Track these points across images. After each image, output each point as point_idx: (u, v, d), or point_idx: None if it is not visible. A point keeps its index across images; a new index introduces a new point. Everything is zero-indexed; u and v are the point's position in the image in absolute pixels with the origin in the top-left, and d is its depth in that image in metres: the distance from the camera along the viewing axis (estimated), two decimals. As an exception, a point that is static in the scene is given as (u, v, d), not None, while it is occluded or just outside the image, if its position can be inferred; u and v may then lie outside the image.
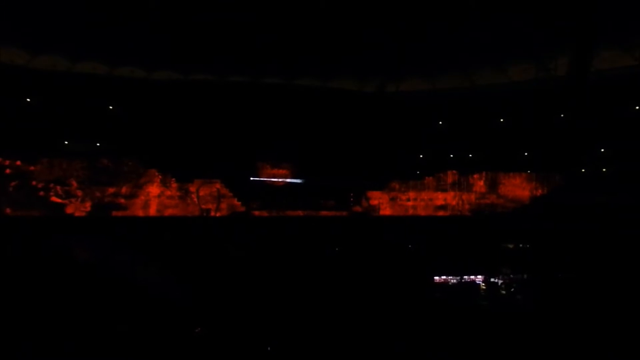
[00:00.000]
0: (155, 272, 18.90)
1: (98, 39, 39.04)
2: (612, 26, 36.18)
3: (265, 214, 42.12)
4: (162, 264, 20.20)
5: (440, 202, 46.11)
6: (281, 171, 46.51)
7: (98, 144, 42.31)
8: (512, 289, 19.42)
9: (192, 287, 17.01)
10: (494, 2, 34.27)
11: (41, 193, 38.65)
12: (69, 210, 38.86)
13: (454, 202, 46.11)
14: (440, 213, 45.74)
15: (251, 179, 44.71)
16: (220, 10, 35.39)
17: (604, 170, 43.09)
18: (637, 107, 42.52)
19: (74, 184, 39.40)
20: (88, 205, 39.47)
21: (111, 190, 40.23)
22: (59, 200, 38.72)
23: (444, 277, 20.05)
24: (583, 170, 44.54)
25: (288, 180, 45.99)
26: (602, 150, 43.51)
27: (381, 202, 45.46)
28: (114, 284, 16.69)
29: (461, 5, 34.72)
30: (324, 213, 42.81)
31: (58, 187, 38.89)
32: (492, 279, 20.23)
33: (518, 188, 46.35)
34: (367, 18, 36.12)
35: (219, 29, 37.92)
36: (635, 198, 34.09)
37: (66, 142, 41.49)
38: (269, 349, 12.06)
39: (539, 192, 45.54)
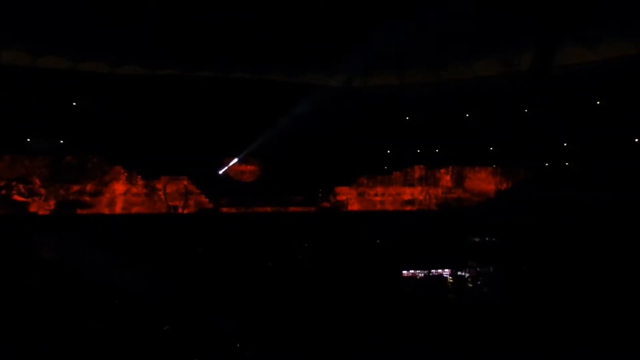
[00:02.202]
0: (122, 270, 18.68)
1: (61, 33, 38.23)
2: (575, 21, 36.80)
3: (233, 210, 41.92)
4: (129, 262, 19.97)
5: (407, 197, 46.45)
6: (249, 167, 46.31)
7: (62, 141, 41.50)
8: (479, 282, 19.71)
9: (159, 285, 16.86)
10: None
11: (3, 191, 37.84)
12: (33, 208, 38.13)
13: (421, 197, 46.51)
14: (408, 208, 46.09)
15: (219, 172, 44.44)
16: (187, 4, 35.03)
17: (567, 164, 43.92)
18: (599, 102, 43.36)
19: (37, 181, 38.66)
20: (52, 203, 38.77)
21: (75, 188, 39.58)
22: (21, 199, 37.95)
23: (412, 271, 20.25)
24: (547, 164, 45.34)
25: (256, 176, 45.87)
26: (565, 144, 44.31)
27: (349, 198, 45.63)
28: (79, 282, 16.46)
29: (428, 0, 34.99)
30: (292, 209, 42.81)
31: (20, 185, 38.13)
32: (459, 273, 20.51)
33: (484, 182, 46.94)
34: (333, 12, 36.09)
35: (184, 23, 37.52)
36: (599, 191, 34.83)
37: (28, 139, 40.61)
38: (238, 345, 12.01)
39: (505, 186, 46.24)
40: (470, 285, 19.55)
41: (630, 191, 33.63)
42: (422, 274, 19.99)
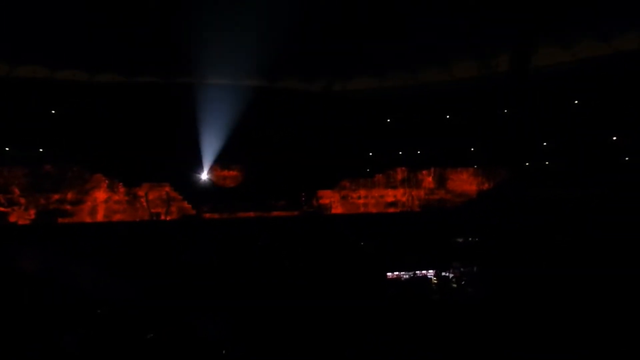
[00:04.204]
0: (105, 279, 18.55)
1: (37, 42, 37.98)
2: (550, 23, 37.37)
3: (216, 216, 41.80)
4: (112, 270, 19.83)
5: (390, 199, 46.63)
6: (231, 173, 46.22)
7: (41, 150, 41.12)
8: (463, 282, 19.85)
9: (142, 292, 16.77)
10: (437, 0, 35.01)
11: (-18, 202, 37.48)
12: (12, 218, 37.71)
13: (404, 199, 46.73)
14: (391, 210, 46.28)
15: (201, 178, 44.33)
16: (166, 13, 35.00)
17: (547, 163, 44.45)
18: (576, 102, 43.98)
19: (17, 191, 38.25)
20: (32, 212, 38.37)
21: (56, 197, 39.22)
22: (1, 209, 37.53)
23: (396, 273, 20.34)
24: (527, 164, 45.86)
25: (238, 181, 45.83)
26: (545, 144, 44.85)
27: (332, 201, 45.70)
28: (62, 292, 16.30)
29: (406, 4, 35.29)
30: (275, 213, 42.77)
31: (0, 196, 37.73)
32: (443, 273, 20.65)
33: (465, 183, 47.31)
34: (312, 16, 36.25)
35: (165, 32, 37.50)
36: (577, 190, 35.30)
37: (7, 149, 40.19)
38: (224, 352, 11.99)
39: (486, 186, 46.63)
40: (455, 285, 19.69)
41: (610, 188, 34.16)
42: (407, 276, 20.11)
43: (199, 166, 44.32)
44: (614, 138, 41.58)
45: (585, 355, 11.68)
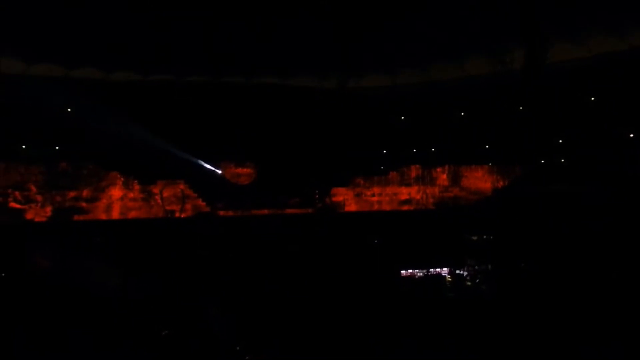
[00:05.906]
0: (120, 276, 18.67)
1: (54, 40, 38.21)
2: (564, 19, 37.06)
3: (230, 213, 41.87)
4: (126, 267, 19.95)
5: (404, 197, 46.50)
6: (245, 170, 46.29)
7: (57, 147, 41.41)
8: (477, 280, 19.79)
9: (158, 289, 16.86)
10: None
11: (-1, 199, 37.85)
12: (29, 215, 38.07)
13: (418, 196, 46.54)
14: (405, 207, 46.12)
15: (216, 175, 44.44)
16: (180, 8, 35.09)
17: (562, 160, 44.03)
18: (592, 98, 43.55)
19: (33, 188, 38.59)
20: (48, 210, 38.71)
21: (72, 194, 39.53)
22: (18, 206, 37.89)
23: (410, 270, 20.33)
24: (542, 161, 45.43)
25: (252, 179, 45.91)
26: (560, 140, 44.43)
27: (346, 198, 45.67)
28: (77, 289, 16.43)
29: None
30: (289, 211, 42.77)
31: (17, 193, 38.06)
32: (457, 271, 20.60)
33: (480, 180, 47.00)
34: (326, 15, 36.16)
35: (177, 28, 37.58)
36: (593, 187, 34.93)
37: (24, 147, 40.50)
38: (238, 348, 12.03)
39: (500, 183, 46.28)
40: (469, 283, 19.64)
41: (625, 185, 33.79)
42: (421, 273, 20.09)
43: (213, 164, 44.47)
44: (631, 135, 41.11)
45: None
